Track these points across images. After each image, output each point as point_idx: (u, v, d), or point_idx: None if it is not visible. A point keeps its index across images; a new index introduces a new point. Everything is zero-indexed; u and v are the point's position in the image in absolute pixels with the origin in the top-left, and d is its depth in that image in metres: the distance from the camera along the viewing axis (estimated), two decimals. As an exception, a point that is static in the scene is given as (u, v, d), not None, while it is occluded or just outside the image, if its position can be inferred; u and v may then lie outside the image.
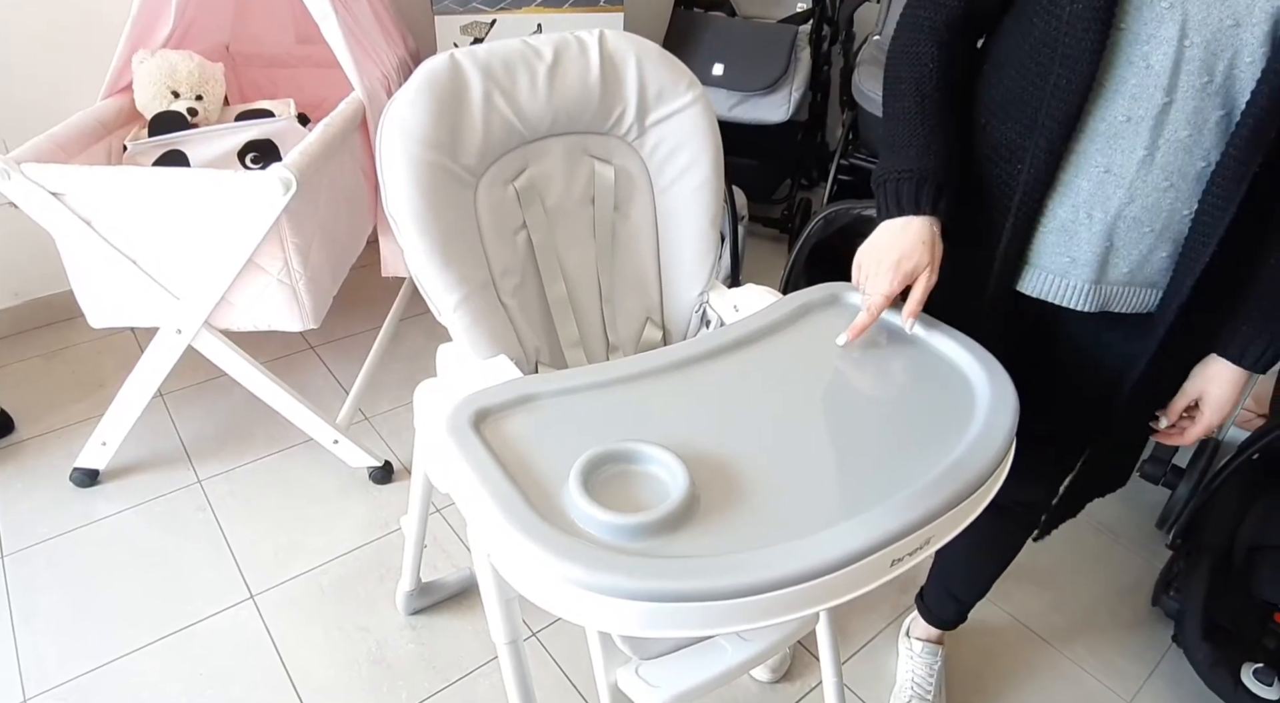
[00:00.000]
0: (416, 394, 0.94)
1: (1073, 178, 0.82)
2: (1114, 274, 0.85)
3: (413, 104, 0.87)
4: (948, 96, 0.89)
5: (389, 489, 1.73)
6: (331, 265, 1.66)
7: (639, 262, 1.06)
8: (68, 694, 1.31)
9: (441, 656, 1.40)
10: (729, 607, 0.62)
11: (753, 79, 2.28)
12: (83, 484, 1.68)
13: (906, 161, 0.87)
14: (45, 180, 1.37)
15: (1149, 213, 0.80)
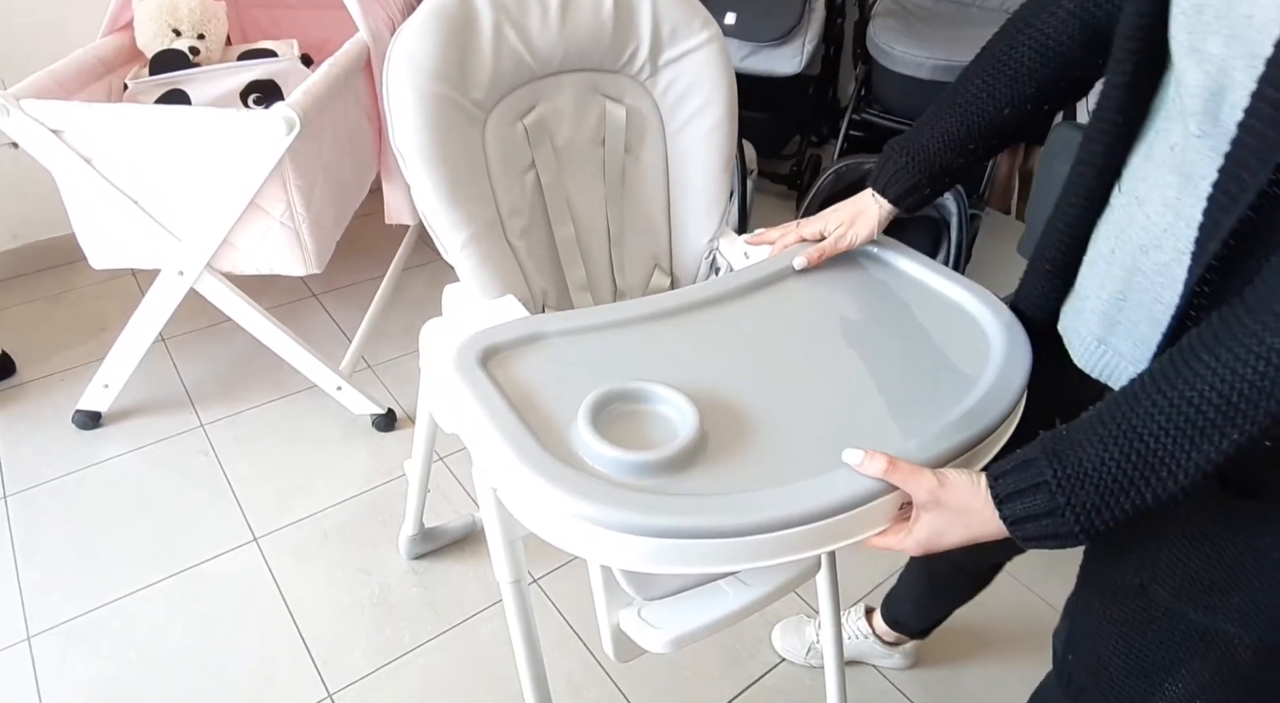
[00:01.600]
0: (422, 334, 0.93)
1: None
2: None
3: (420, 34, 0.85)
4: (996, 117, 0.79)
5: (391, 437, 1.73)
6: (335, 209, 1.64)
7: (648, 205, 1.05)
8: (70, 631, 1.33)
9: (443, 599, 1.41)
10: (737, 545, 0.62)
11: (766, 29, 2.23)
12: (85, 426, 1.69)
13: (905, 140, 0.85)
14: (45, 117, 1.34)
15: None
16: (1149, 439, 0.53)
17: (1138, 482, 0.54)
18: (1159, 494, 0.54)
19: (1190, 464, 0.52)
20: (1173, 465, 0.53)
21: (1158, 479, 0.54)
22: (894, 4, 2.28)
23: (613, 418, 0.69)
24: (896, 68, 2.08)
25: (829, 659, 1.20)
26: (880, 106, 2.29)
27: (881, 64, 2.13)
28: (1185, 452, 0.52)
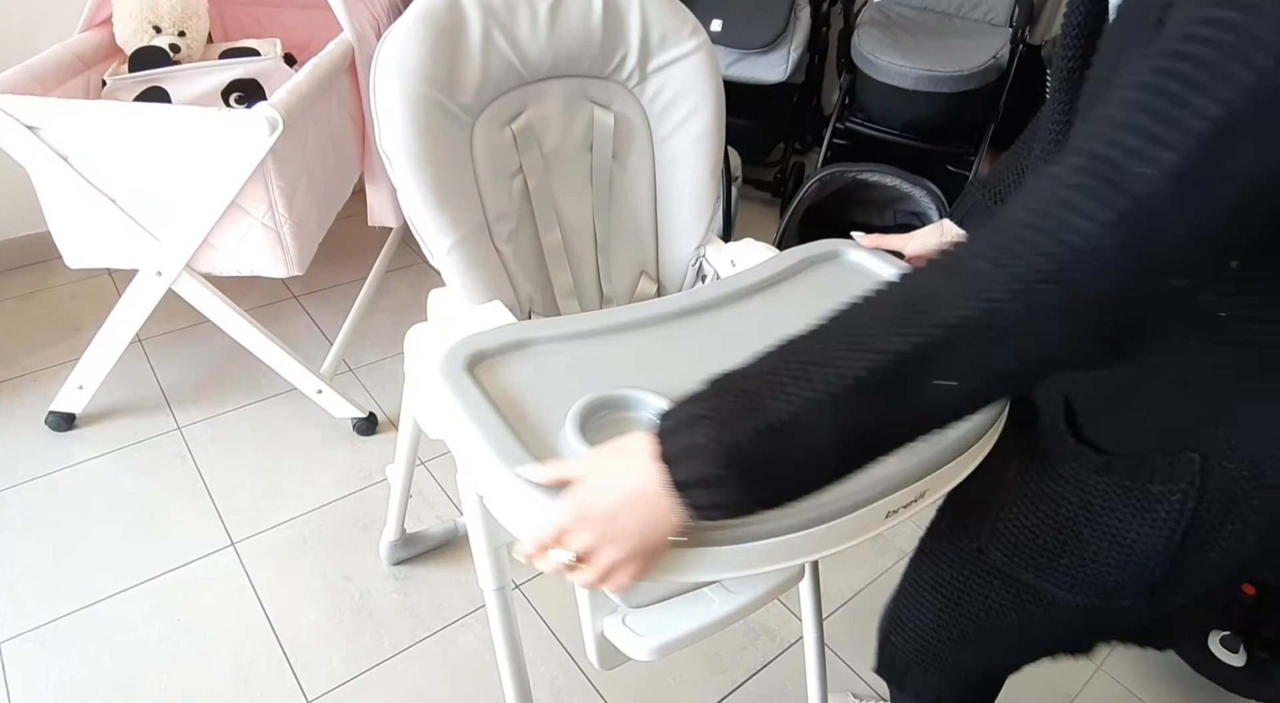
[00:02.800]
0: (407, 338, 0.93)
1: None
2: None
3: (409, 37, 0.84)
4: None
5: (373, 441, 1.72)
6: (317, 211, 1.62)
7: (635, 212, 1.05)
8: (44, 637, 1.30)
9: (424, 606, 1.40)
10: (723, 553, 0.62)
11: (751, 37, 2.24)
12: (58, 428, 1.66)
13: (987, 178, 0.86)
14: (21, 113, 1.32)
15: None
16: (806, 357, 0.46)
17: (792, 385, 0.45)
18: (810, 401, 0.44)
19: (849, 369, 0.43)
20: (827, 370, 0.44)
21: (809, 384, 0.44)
22: (878, 14, 2.30)
23: (600, 425, 0.69)
24: (880, 77, 2.10)
25: (811, 667, 1.20)
26: (864, 115, 2.31)
27: (865, 73, 2.15)
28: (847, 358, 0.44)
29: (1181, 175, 0.38)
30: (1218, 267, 0.42)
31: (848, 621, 1.46)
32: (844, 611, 1.47)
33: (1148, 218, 0.38)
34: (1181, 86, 0.38)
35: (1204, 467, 0.55)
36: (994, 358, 0.42)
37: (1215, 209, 0.38)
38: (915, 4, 2.35)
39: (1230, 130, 0.37)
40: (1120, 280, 0.39)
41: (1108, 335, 0.41)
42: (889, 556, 1.57)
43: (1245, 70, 0.37)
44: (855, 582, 1.52)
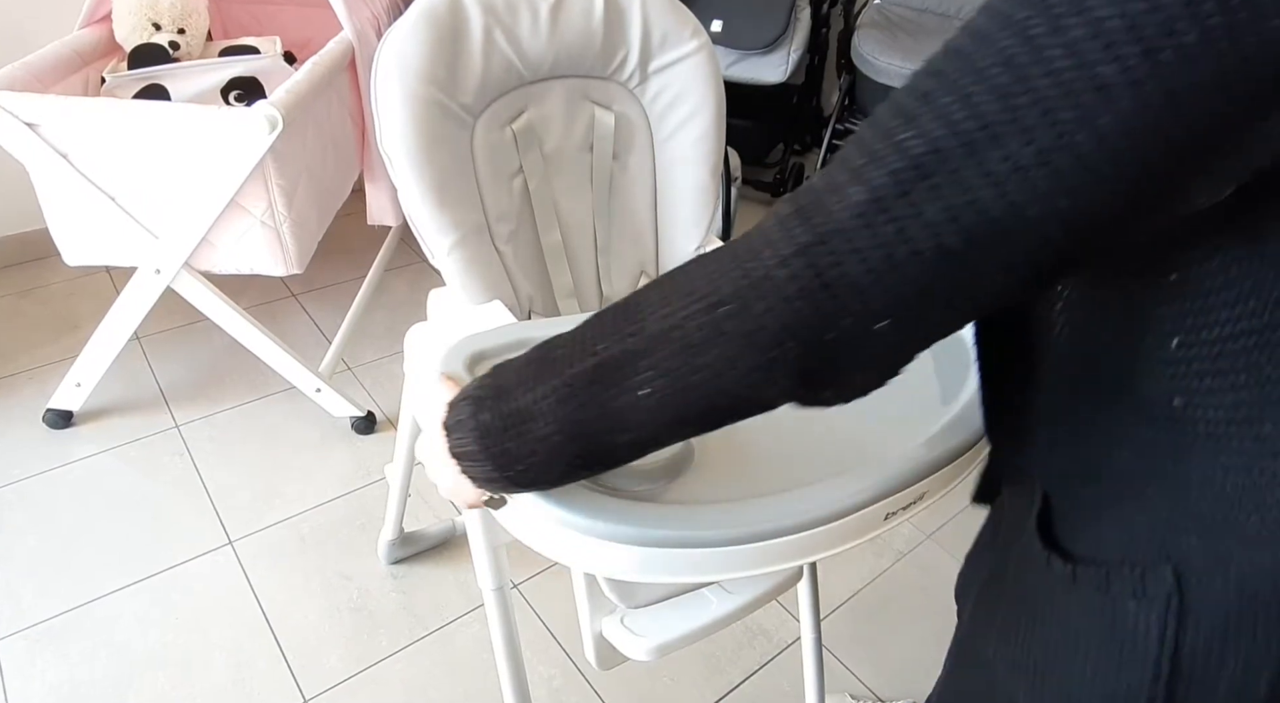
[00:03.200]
0: (407, 338, 0.93)
1: None
2: None
3: (410, 37, 0.84)
4: None
5: (371, 440, 1.72)
6: (317, 209, 1.62)
7: (636, 212, 1.05)
8: (40, 635, 1.30)
9: (423, 605, 1.40)
10: (724, 554, 0.62)
11: (751, 37, 2.24)
12: (56, 426, 1.65)
13: None
14: (19, 110, 1.32)
15: None
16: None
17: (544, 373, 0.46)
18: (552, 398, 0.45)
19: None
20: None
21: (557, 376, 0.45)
22: (878, 15, 2.30)
23: (600, 426, 0.69)
24: (880, 78, 2.11)
25: (809, 668, 1.20)
26: (863, 116, 2.31)
27: (865, 74, 2.15)
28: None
29: (863, 213, 0.35)
30: (943, 314, 0.38)
31: (846, 622, 1.46)
32: (842, 611, 1.47)
33: (825, 254, 0.36)
34: (895, 119, 0.36)
35: (1180, 583, 0.46)
36: (685, 375, 0.41)
37: (903, 252, 0.35)
38: (915, 5, 2.35)
39: (927, 168, 0.34)
40: (794, 314, 0.37)
41: (798, 370, 0.39)
42: (886, 556, 1.57)
43: (957, 104, 0.34)
44: (853, 583, 1.52)
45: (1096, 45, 0.31)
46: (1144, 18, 0.30)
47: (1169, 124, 0.31)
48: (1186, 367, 0.42)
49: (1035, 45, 0.32)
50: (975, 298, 0.38)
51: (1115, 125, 0.31)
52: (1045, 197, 0.33)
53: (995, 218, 0.34)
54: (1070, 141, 0.32)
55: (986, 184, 0.33)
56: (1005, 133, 0.33)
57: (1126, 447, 0.47)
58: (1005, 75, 0.32)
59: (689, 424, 0.44)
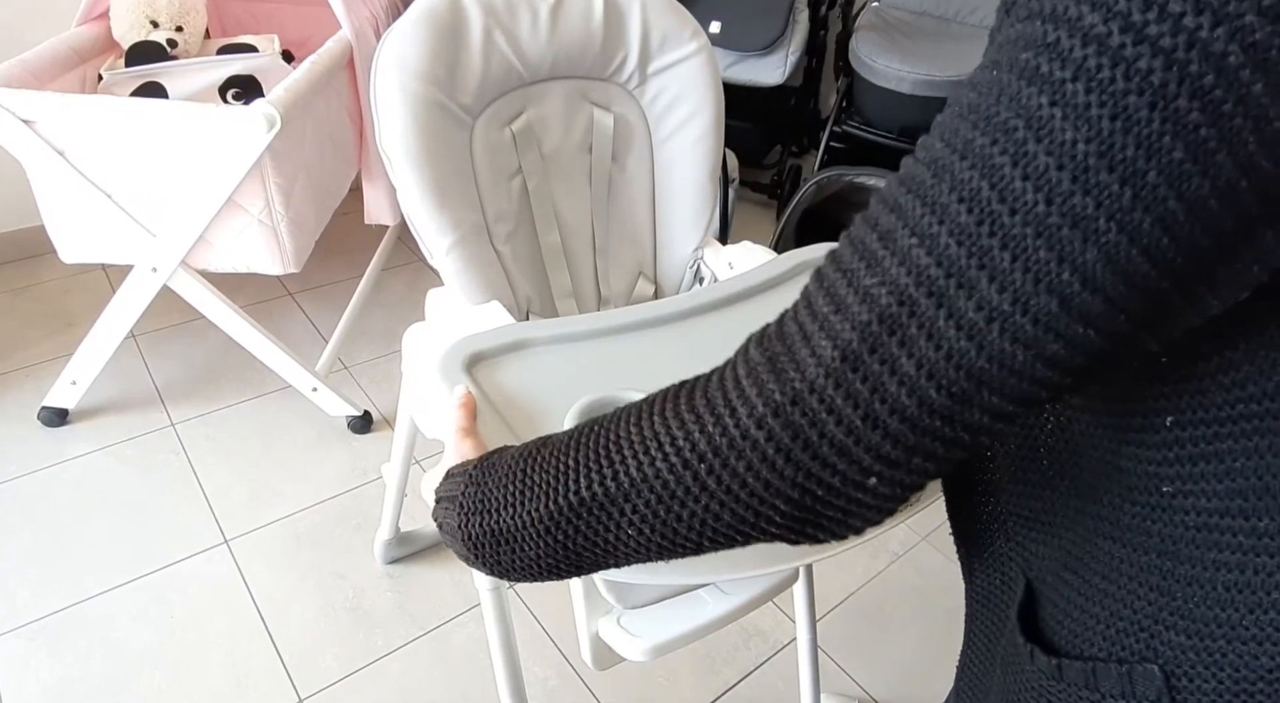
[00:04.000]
0: (405, 338, 0.93)
1: None
2: None
3: (410, 37, 0.84)
4: None
5: (367, 439, 1.71)
6: (314, 208, 1.62)
7: (634, 214, 1.05)
8: (36, 634, 1.29)
9: (418, 605, 1.40)
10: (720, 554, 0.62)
11: (750, 39, 2.25)
12: (51, 424, 1.65)
13: None
14: (16, 107, 1.31)
15: None
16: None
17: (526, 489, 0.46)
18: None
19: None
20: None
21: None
22: (877, 18, 2.31)
23: (598, 427, 0.69)
24: (878, 81, 2.11)
25: (804, 669, 1.20)
26: (861, 119, 2.32)
27: (863, 77, 2.15)
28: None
29: (834, 371, 0.33)
30: (937, 464, 0.35)
31: (840, 623, 1.46)
32: (837, 613, 1.48)
33: (801, 414, 0.34)
34: (858, 260, 0.33)
35: (1169, 684, 0.42)
36: (670, 521, 0.40)
37: (882, 410, 0.32)
38: (913, 8, 2.35)
39: (895, 321, 0.31)
40: (776, 474, 0.35)
41: (786, 523, 0.38)
42: (881, 558, 1.58)
43: (920, 248, 0.30)
44: (849, 584, 1.53)
45: (1065, 176, 0.27)
46: (1117, 139, 0.26)
47: (1165, 249, 0.28)
48: (1179, 449, 0.39)
49: (998, 177, 0.28)
50: (968, 443, 0.34)
51: (1101, 260, 0.28)
52: (1032, 342, 0.30)
53: (979, 369, 0.31)
54: (1052, 283, 0.28)
55: (962, 335, 0.30)
56: (975, 278, 0.29)
57: (1111, 538, 0.44)
58: (968, 214, 0.29)
59: (682, 554, 0.43)
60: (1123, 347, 0.31)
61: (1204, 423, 0.37)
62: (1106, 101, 0.26)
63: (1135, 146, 0.26)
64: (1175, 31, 0.25)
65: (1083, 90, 0.27)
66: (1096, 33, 0.26)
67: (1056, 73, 0.27)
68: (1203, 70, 0.25)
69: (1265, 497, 0.37)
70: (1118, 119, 0.26)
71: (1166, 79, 0.25)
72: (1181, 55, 0.25)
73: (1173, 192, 0.26)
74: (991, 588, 0.57)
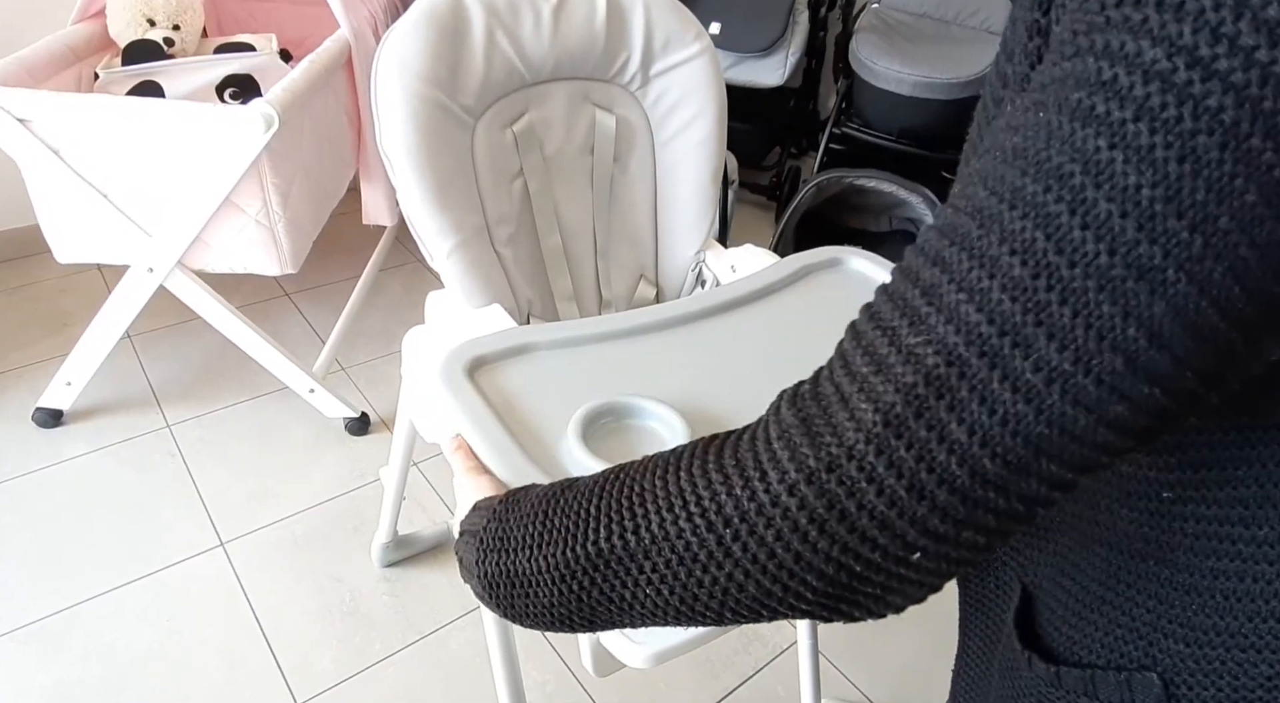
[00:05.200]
0: (405, 341, 0.92)
1: None
2: None
3: (411, 37, 0.84)
4: None
5: (364, 441, 1.70)
6: (312, 209, 1.61)
7: (636, 216, 1.04)
8: (30, 637, 1.28)
9: (416, 609, 1.39)
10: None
11: (750, 40, 2.24)
12: (46, 425, 1.64)
13: None
14: (11, 105, 1.30)
15: None
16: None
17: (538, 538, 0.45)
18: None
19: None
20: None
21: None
22: (877, 19, 2.30)
23: (602, 433, 0.68)
24: (878, 83, 2.10)
25: (804, 673, 1.20)
26: (861, 121, 2.31)
27: (863, 78, 2.15)
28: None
29: (876, 436, 0.31)
30: (988, 538, 0.32)
31: (840, 627, 1.45)
32: (837, 616, 1.47)
33: (838, 482, 0.32)
34: (899, 317, 0.31)
35: (1169, 691, 0.42)
36: (690, 585, 0.38)
37: (930, 480, 0.30)
38: (913, 10, 2.35)
39: (944, 382, 0.29)
40: (809, 547, 0.33)
41: (818, 600, 0.35)
42: (882, 562, 1.57)
43: (969, 304, 0.28)
44: (848, 588, 1.52)
45: (1130, 224, 0.25)
46: (1186, 182, 0.25)
47: (1236, 299, 0.26)
48: (1180, 456, 0.37)
49: (1053, 226, 0.27)
50: (1022, 515, 0.32)
51: (1170, 313, 0.26)
52: (1095, 404, 0.28)
53: (1037, 434, 0.29)
54: (1117, 340, 0.27)
55: (1019, 398, 0.28)
56: (1031, 336, 0.27)
57: (1109, 544, 0.43)
58: (1022, 266, 0.27)
59: (699, 623, 0.41)
60: (1186, 404, 0.29)
61: (1204, 430, 0.36)
62: (1174, 142, 0.24)
63: (1206, 190, 0.24)
64: (1248, 66, 0.23)
65: (1146, 131, 0.25)
66: (1160, 68, 0.24)
67: (1115, 113, 0.25)
68: (1277, 106, 0.23)
69: (1266, 506, 0.36)
70: (1186, 161, 0.24)
71: (1239, 117, 0.24)
72: (1255, 92, 0.23)
73: (1245, 238, 0.25)
74: (986, 594, 0.56)
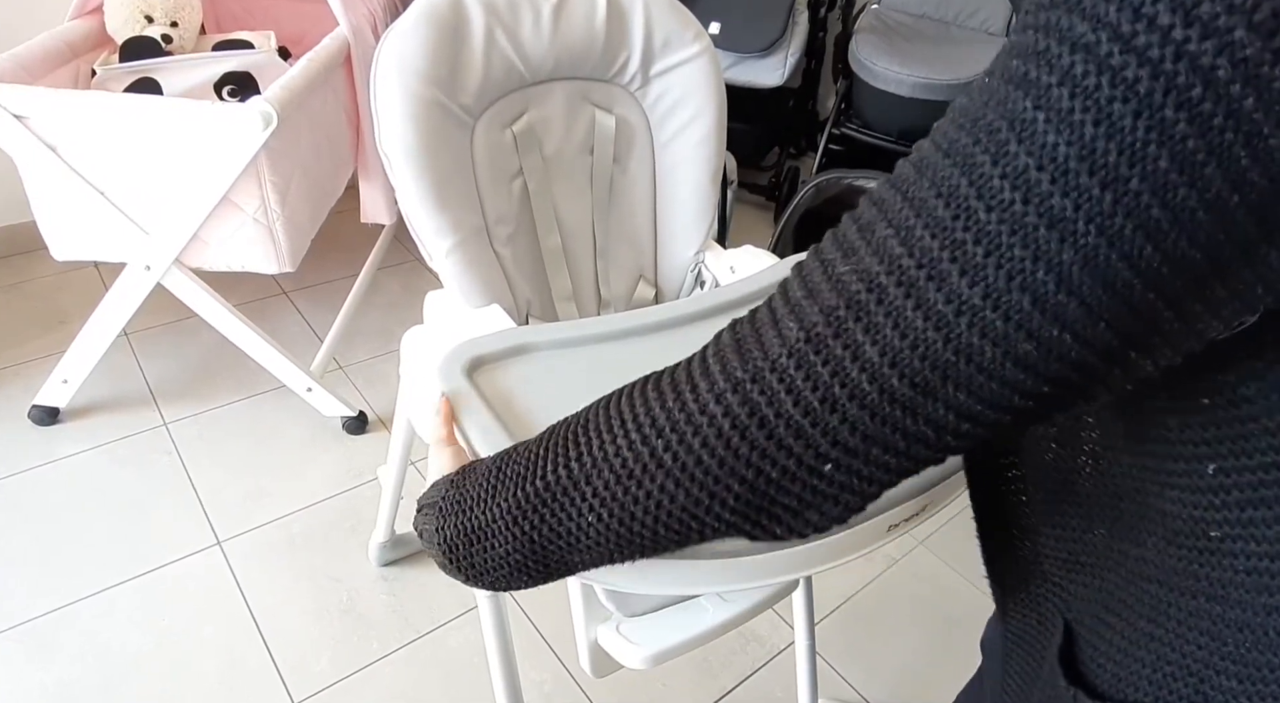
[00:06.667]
0: (404, 341, 0.91)
1: None
2: None
3: (411, 36, 0.83)
4: None
5: (362, 440, 1.70)
6: (310, 207, 1.61)
7: (635, 216, 1.04)
8: (25, 635, 1.28)
9: (414, 608, 1.39)
10: (723, 566, 0.61)
11: (749, 40, 2.24)
12: (42, 422, 1.63)
13: None
14: (8, 102, 1.30)
15: None
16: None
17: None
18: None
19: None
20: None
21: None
22: (876, 20, 2.30)
23: (601, 434, 0.68)
24: (877, 83, 2.10)
25: (801, 674, 1.20)
26: (860, 121, 2.31)
27: (862, 79, 2.15)
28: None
29: (797, 351, 0.33)
30: (899, 461, 0.34)
31: (838, 627, 1.46)
32: (834, 617, 1.47)
33: (759, 391, 0.34)
34: (835, 251, 0.33)
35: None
36: (627, 504, 0.40)
37: (842, 394, 0.33)
38: (913, 11, 2.35)
39: (863, 307, 0.32)
40: (730, 451, 0.35)
41: (739, 507, 0.37)
42: (879, 563, 1.57)
43: (895, 239, 0.31)
44: (845, 589, 1.52)
45: (1045, 177, 0.27)
46: (1099, 144, 0.26)
47: (1149, 258, 0.27)
48: (1225, 496, 0.37)
49: (977, 174, 0.28)
50: (932, 440, 0.33)
51: (1079, 262, 0.27)
52: (1001, 339, 0.29)
53: (944, 360, 0.30)
54: (1025, 281, 0.28)
55: (929, 326, 0.30)
56: (946, 271, 0.29)
57: (1157, 581, 0.43)
58: (945, 208, 0.29)
59: (641, 549, 0.43)
60: (1111, 362, 0.30)
61: (1248, 469, 0.36)
62: (1090, 107, 0.26)
63: (1118, 153, 0.26)
64: (1164, 43, 0.25)
65: (1067, 95, 0.26)
66: (1085, 41, 0.26)
67: (1043, 78, 0.27)
68: (1190, 82, 0.25)
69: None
70: (1101, 125, 0.26)
71: (1153, 88, 0.25)
72: (1169, 67, 0.25)
73: (1156, 200, 0.26)
74: (1028, 629, 0.55)
